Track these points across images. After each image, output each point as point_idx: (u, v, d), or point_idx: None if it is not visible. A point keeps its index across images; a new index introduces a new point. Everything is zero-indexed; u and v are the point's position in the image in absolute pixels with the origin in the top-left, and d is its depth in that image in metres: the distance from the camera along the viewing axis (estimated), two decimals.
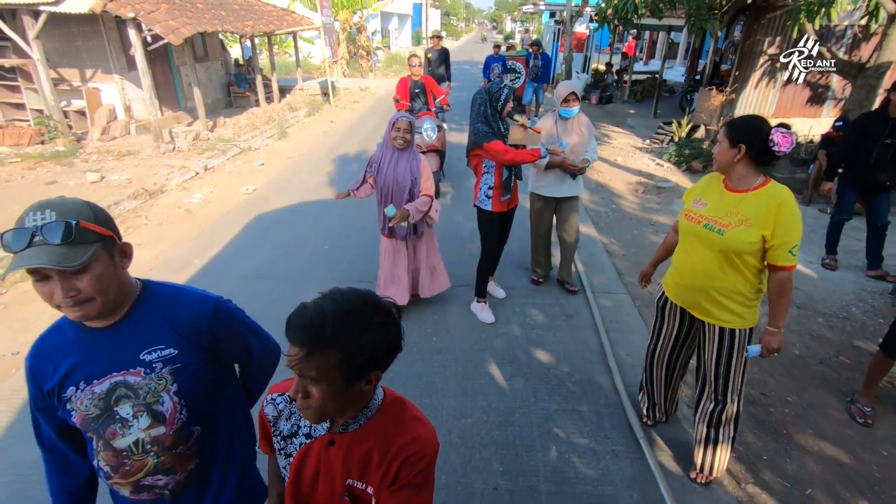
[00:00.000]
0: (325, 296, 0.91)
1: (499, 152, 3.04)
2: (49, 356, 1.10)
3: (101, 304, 1.02)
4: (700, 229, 2.03)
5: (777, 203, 1.86)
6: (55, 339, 1.11)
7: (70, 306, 0.99)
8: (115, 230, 1.06)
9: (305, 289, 3.92)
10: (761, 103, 8.37)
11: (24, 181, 6.68)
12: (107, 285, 1.01)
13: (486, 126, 3.07)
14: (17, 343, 3.25)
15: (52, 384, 1.09)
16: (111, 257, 1.03)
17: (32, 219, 0.95)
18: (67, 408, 1.09)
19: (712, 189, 2.07)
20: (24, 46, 7.53)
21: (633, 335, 3.45)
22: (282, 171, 7.21)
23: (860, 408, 2.76)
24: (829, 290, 4.12)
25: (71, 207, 0.99)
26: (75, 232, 0.95)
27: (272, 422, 1.05)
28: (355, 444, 0.97)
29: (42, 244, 0.93)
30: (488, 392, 2.88)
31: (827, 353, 3.33)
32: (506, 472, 2.37)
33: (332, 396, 0.89)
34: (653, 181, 6.92)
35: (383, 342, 0.90)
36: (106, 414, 1.09)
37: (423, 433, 0.98)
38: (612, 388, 2.94)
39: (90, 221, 0.99)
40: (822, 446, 2.59)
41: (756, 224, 1.88)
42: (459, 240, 4.86)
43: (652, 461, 2.41)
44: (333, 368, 0.86)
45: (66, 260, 0.93)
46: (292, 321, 0.87)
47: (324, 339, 0.84)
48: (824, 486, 2.36)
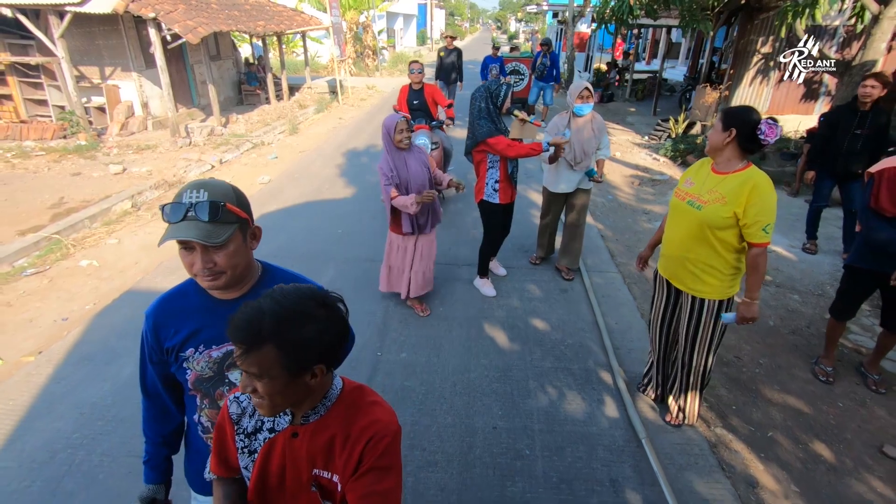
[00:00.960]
0: (266, 294, 0.92)
1: (503, 147, 3.18)
2: (173, 316, 1.20)
3: (229, 276, 1.12)
4: (684, 205, 2.29)
5: (751, 185, 2.07)
6: (180, 301, 1.21)
7: (205, 276, 1.10)
8: (250, 214, 1.17)
9: (323, 266, 4.27)
10: (755, 101, 8.65)
11: (51, 172, 7.04)
12: (237, 262, 1.12)
13: (489, 122, 3.20)
14: (66, 310, 3.61)
15: (173, 342, 1.19)
16: (244, 238, 1.14)
17: (188, 196, 1.07)
18: (184, 366, 1.20)
19: (701, 171, 2.31)
20: (50, 45, 7.90)
21: (622, 307, 3.78)
22: (295, 164, 7.56)
23: (822, 368, 3.08)
24: (807, 271, 4.43)
25: (221, 190, 1.10)
26: (221, 212, 1.06)
27: (235, 420, 1.06)
28: (318, 434, 0.99)
29: (193, 219, 1.05)
30: (489, 352, 3.22)
31: (799, 324, 3.65)
32: (504, 415, 2.70)
33: (277, 391, 0.90)
34: (649, 174, 7.22)
35: (325, 337, 0.91)
36: (218, 377, 1.22)
37: (382, 416, 1.01)
38: (601, 350, 3.27)
39: (233, 204, 1.10)
40: (786, 399, 2.90)
41: (730, 202, 2.10)
42: (463, 225, 5.19)
43: (631, 408, 2.74)
44: (273, 364, 0.87)
45: (211, 236, 1.05)
46: (231, 319, 0.89)
47: (259, 336, 0.86)
48: (785, 430, 2.68)
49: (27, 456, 2.39)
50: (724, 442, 2.59)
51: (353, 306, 3.57)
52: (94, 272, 4.18)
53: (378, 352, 3.19)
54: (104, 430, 2.52)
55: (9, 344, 3.22)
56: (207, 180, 1.10)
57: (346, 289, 3.92)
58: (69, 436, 2.50)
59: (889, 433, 2.67)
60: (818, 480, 2.39)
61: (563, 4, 16.36)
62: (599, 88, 13.76)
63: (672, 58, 18.18)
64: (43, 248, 4.61)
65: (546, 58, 9.61)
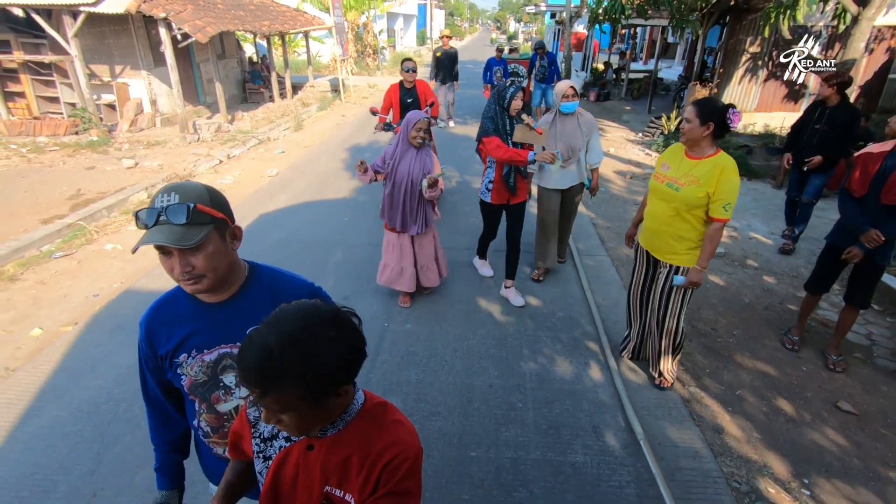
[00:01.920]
0: (269, 324, 0.84)
1: (492, 148, 3.20)
2: (165, 323, 1.19)
3: (211, 280, 1.09)
4: (663, 187, 2.56)
5: (720, 168, 2.36)
6: (171, 307, 1.20)
7: (185, 280, 1.08)
8: (228, 214, 1.13)
9: (331, 251, 4.57)
10: (744, 98, 8.97)
11: (66, 166, 7.32)
12: (217, 264, 1.09)
13: (491, 122, 3.24)
14: (95, 288, 3.90)
15: (166, 349, 1.19)
16: (223, 238, 1.10)
17: (160, 200, 1.04)
18: (178, 372, 1.19)
19: (675, 156, 2.58)
20: (64, 44, 8.18)
21: (609, 286, 4.09)
22: (301, 158, 7.86)
23: (790, 337, 3.38)
24: (783, 255, 4.74)
25: (192, 191, 1.06)
26: (192, 214, 1.03)
27: (253, 423, 1.04)
28: (334, 449, 0.95)
29: (165, 223, 1.02)
30: (486, 324, 3.52)
31: (773, 301, 3.95)
32: (499, 375, 3.01)
33: (304, 419, 0.87)
34: (641, 169, 7.53)
35: (341, 356, 0.85)
36: (212, 381, 1.20)
37: (404, 436, 0.96)
38: (589, 323, 3.57)
39: (206, 205, 1.06)
40: (755, 364, 3.21)
41: (704, 184, 2.39)
42: (464, 214, 5.49)
43: (615, 371, 3.04)
44: (294, 400, 0.83)
45: (182, 239, 1.02)
46: (239, 362, 0.83)
47: (273, 376, 0.80)
48: (752, 389, 2.99)
49: (75, 407, 2.68)
50: (696, 398, 2.90)
51: (361, 285, 3.89)
52: (119, 255, 4.48)
53: (385, 322, 3.49)
54: None
55: (47, 316, 3.52)
56: (179, 183, 1.09)
57: (353, 269, 4.23)
58: (111, 391, 2.79)
59: (845, 392, 2.97)
60: (778, 429, 2.69)
61: (561, 5, 16.66)
62: (596, 87, 14.08)
63: (669, 58, 18.52)
64: (67, 235, 4.90)
65: (544, 59, 9.60)
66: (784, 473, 2.42)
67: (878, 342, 3.47)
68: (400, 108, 5.31)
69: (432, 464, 2.38)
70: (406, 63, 5.33)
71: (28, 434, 2.51)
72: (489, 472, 2.36)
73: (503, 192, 3.47)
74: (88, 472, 2.30)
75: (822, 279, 3.24)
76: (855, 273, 3.07)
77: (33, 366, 3.01)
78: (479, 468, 2.37)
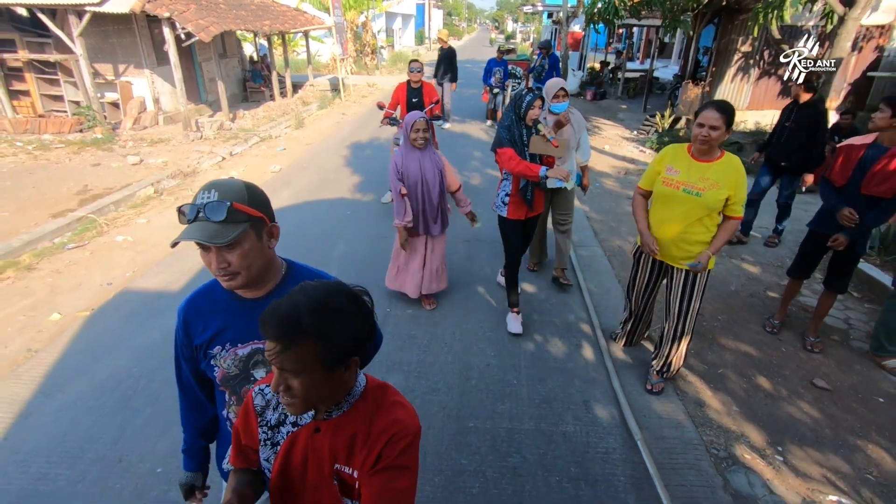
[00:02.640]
0: (296, 290, 0.91)
1: (505, 160, 3.01)
2: (201, 314, 1.21)
3: (245, 277, 1.11)
4: (680, 193, 2.47)
5: (735, 169, 2.39)
6: (209, 299, 1.22)
7: (221, 276, 1.11)
8: (266, 212, 1.14)
9: (335, 243, 4.74)
10: (736, 96, 9.17)
11: (72, 163, 7.47)
12: (252, 261, 1.10)
13: (506, 132, 3.04)
14: (109, 277, 4.07)
15: (201, 339, 1.21)
16: (259, 237, 1.11)
17: (201, 197, 1.06)
18: (212, 363, 1.21)
19: (679, 158, 2.51)
20: (69, 43, 8.32)
21: (602, 275, 4.27)
22: (303, 155, 8.03)
23: (772, 321, 3.57)
24: (770, 247, 4.92)
25: (230, 189, 1.08)
26: (228, 212, 1.05)
27: (259, 412, 1.06)
28: (340, 430, 1.00)
29: (203, 220, 1.05)
30: (484, 309, 3.71)
31: (757, 289, 4.14)
32: (496, 355, 3.19)
33: (314, 386, 0.90)
34: (635, 165, 7.72)
35: (358, 329, 0.92)
36: (243, 375, 1.22)
37: (404, 416, 1.01)
38: (581, 308, 3.75)
39: (244, 203, 1.07)
40: (737, 345, 3.39)
41: (724, 186, 2.38)
42: None
43: (605, 351, 3.22)
44: (312, 359, 0.87)
45: (217, 236, 1.04)
46: (266, 317, 0.88)
47: (299, 330, 0.86)
48: (734, 368, 3.17)
49: (97, 384, 2.85)
50: (680, 376, 3.08)
51: (363, 274, 4.05)
52: (130, 246, 4.64)
53: (387, 308, 3.67)
54: (160, 366, 2.98)
55: (64, 302, 3.68)
56: (220, 180, 1.10)
57: (356, 260, 4.40)
58: (130, 369, 2.96)
59: (821, 370, 3.16)
60: (756, 404, 2.87)
61: (558, 5, 16.85)
62: (593, 86, 14.27)
63: (665, 57, 18.72)
64: (78, 228, 5.06)
65: (545, 60, 9.42)
66: (760, 442, 2.60)
67: (855, 326, 3.65)
68: (406, 106, 5.49)
69: (433, 433, 2.56)
70: (413, 63, 5.50)
71: (54, 407, 2.68)
72: (486, 440, 2.53)
73: (521, 207, 3.20)
74: (113, 441, 2.47)
75: (805, 265, 3.38)
76: (834, 260, 3.24)
77: (55, 347, 3.18)
78: (476, 437, 2.55)
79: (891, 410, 2.83)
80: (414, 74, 5.45)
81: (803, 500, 2.28)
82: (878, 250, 4.50)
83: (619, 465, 2.40)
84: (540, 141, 3.03)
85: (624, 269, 4.41)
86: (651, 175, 2.66)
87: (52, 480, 2.25)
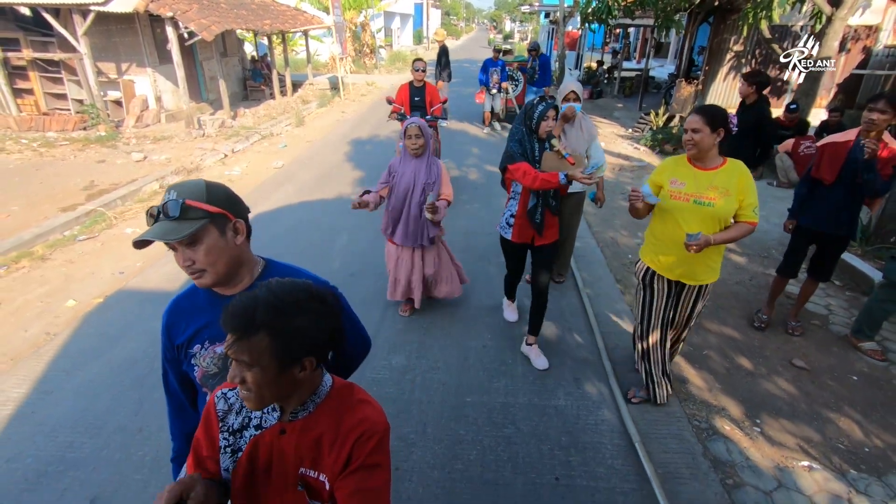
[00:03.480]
0: (262, 285, 0.93)
1: (520, 175, 2.64)
2: (183, 314, 1.23)
3: (213, 274, 1.12)
4: (690, 205, 2.30)
5: (740, 174, 2.27)
6: (190, 300, 1.24)
7: (189, 273, 1.12)
8: (229, 208, 1.13)
9: (337, 236, 4.90)
10: (728, 95, 9.36)
11: (77, 160, 7.62)
12: (217, 258, 1.11)
13: (518, 146, 2.72)
14: (120, 266, 4.23)
15: (182, 339, 1.22)
16: (222, 233, 1.11)
17: (164, 197, 1.09)
18: (192, 362, 1.22)
19: (682, 169, 2.35)
20: (73, 42, 8.47)
21: (594, 265, 4.45)
22: (304, 152, 8.20)
23: (759, 316, 3.61)
24: (756, 238, 5.10)
25: (188, 188, 1.10)
26: (182, 209, 1.06)
27: (221, 417, 1.05)
28: (306, 431, 0.99)
29: (162, 219, 1.07)
30: (480, 295, 3.88)
31: (743, 277, 4.32)
32: (492, 337, 3.36)
33: (267, 382, 0.91)
34: (629, 162, 7.90)
35: (318, 328, 0.92)
36: (222, 373, 1.20)
37: (371, 414, 1.01)
38: (574, 293, 3.93)
39: (201, 200, 1.08)
40: (721, 329, 3.57)
41: (734, 193, 2.25)
42: (460, 202, 5.85)
43: (596, 331, 3.40)
44: (264, 353, 0.88)
45: (171, 233, 1.05)
46: (226, 309, 0.90)
47: (252, 324, 0.87)
48: (717, 349, 3.35)
49: (115, 364, 3.02)
50: None
51: (365, 265, 4.22)
52: None
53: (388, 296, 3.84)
54: None
55: (79, 290, 3.84)
56: (182, 182, 1.12)
57: (357, 250, 4.57)
58: (145, 350, 3.13)
59: (801, 352, 3.34)
60: (737, 381, 3.05)
61: (555, 5, 17.03)
62: (589, 86, 14.46)
63: (662, 56, 18.93)
64: (87, 221, 5.22)
65: (535, 62, 9.18)
66: (739, 415, 2.77)
67: (835, 312, 3.83)
68: (409, 105, 5.59)
69: (434, 407, 2.74)
70: (416, 63, 5.55)
71: (75, 385, 2.84)
72: (482, 413, 2.71)
73: (527, 230, 2.86)
74: (132, 413, 2.63)
75: (792, 261, 3.41)
76: (821, 250, 3.31)
77: (72, 331, 3.34)
78: (474, 410, 2.73)
79: (864, 388, 3.01)
80: (417, 73, 5.52)
81: (777, 466, 2.45)
82: (861, 241, 4.69)
83: (606, 435, 2.57)
84: (553, 158, 2.69)
85: (616, 258, 4.59)
86: (652, 189, 2.43)
87: (78, 448, 2.42)
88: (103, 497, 2.18)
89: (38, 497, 2.17)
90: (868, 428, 2.70)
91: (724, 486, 2.33)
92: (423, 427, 2.61)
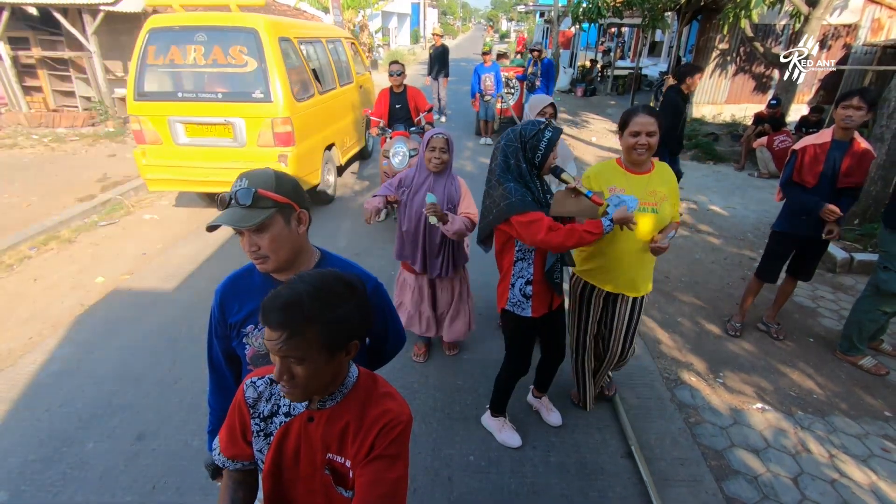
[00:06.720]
0: (293, 279, 0.95)
1: (542, 232, 1.88)
2: (238, 294, 1.27)
3: (275, 260, 1.17)
4: (639, 213, 2.07)
5: (670, 176, 2.21)
6: (246, 280, 1.28)
7: (253, 258, 1.17)
8: (295, 199, 1.18)
9: (342, 219, 5.24)
10: (715, 91, 9.75)
11: (89, 154, 7.92)
12: (280, 245, 1.15)
13: (519, 188, 1.95)
14: (143, 247, 4.57)
15: (236, 318, 1.26)
16: (287, 222, 1.16)
17: (235, 185, 1.13)
18: (243, 341, 1.27)
19: (616, 176, 2.17)
20: (83, 41, 8.77)
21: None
22: None
23: (733, 324, 3.51)
24: (734, 223, 5.49)
25: (259, 177, 1.14)
26: (254, 198, 1.11)
27: (251, 404, 1.08)
28: (333, 420, 1.03)
29: (234, 206, 1.12)
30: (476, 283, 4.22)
31: (719, 257, 4.69)
32: (485, 307, 3.71)
33: (317, 372, 0.93)
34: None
35: (356, 312, 0.96)
36: None
37: (395, 406, 1.04)
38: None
39: (270, 190, 1.13)
40: (695, 300, 3.93)
41: (670, 196, 2.18)
42: None
43: None
44: (315, 344, 0.90)
45: (241, 221, 1.10)
46: (268, 306, 0.90)
47: (302, 317, 0.88)
48: (689, 317, 3.71)
49: (148, 330, 3.35)
50: (642, 322, 3.60)
51: (370, 245, 4.55)
52: (156, 223, 5.13)
53: (392, 271, 4.17)
54: (197, 318, 3.48)
55: (106, 269, 4.17)
56: (253, 170, 1.16)
57: (363, 233, 4.91)
58: (175, 318, 3.46)
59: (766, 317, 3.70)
60: (705, 343, 3.41)
61: (550, 4, 17.39)
62: (583, 83, 14.83)
63: (655, 55, 19.32)
64: (105, 209, 5.53)
65: (536, 66, 8.10)
66: (703, 369, 3.14)
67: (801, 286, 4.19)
68: (389, 114, 4.97)
69: (435, 363, 3.10)
70: (392, 66, 4.91)
71: (114, 348, 3.18)
72: (478, 367, 3.06)
73: (546, 296, 2.19)
74: (168, 368, 2.97)
75: (772, 265, 3.32)
76: (803, 252, 3.23)
77: (104, 303, 3.67)
78: (471, 365, 3.09)
79: (817, 348, 3.38)
80: (394, 78, 4.90)
81: (733, 408, 2.81)
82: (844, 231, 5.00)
83: None
84: (568, 197, 1.92)
85: None
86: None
87: (123, 395, 2.76)
88: (149, 433, 2.52)
89: (92, 434, 2.51)
90: (818, 380, 3.06)
91: (686, 423, 2.69)
92: (426, 378, 2.97)
